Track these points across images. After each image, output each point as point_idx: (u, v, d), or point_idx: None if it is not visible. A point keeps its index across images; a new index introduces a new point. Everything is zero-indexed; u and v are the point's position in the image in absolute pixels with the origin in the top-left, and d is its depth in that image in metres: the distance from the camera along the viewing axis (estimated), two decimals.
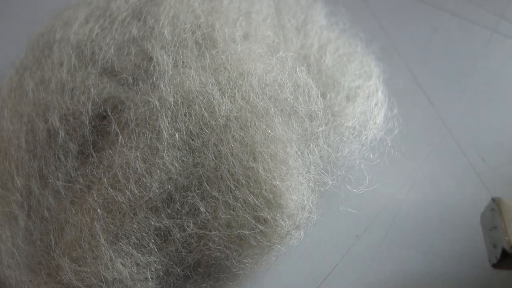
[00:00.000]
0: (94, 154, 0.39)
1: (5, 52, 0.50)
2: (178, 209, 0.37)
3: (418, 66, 0.51)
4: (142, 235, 0.37)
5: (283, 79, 0.39)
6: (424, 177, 0.45)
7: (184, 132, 0.37)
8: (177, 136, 0.37)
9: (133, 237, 0.37)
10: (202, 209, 0.36)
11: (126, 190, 0.36)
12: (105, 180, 0.37)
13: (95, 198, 0.37)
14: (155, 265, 0.37)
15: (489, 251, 0.35)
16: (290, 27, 0.44)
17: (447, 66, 0.51)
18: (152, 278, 0.37)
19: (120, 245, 0.36)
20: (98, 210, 0.37)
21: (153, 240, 0.37)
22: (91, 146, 0.39)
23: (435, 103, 0.49)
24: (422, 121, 0.48)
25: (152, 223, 0.37)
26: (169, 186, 0.37)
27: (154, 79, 0.39)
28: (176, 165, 0.37)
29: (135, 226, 0.37)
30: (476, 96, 0.49)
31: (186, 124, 0.37)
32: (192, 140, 0.37)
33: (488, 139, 0.47)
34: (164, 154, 0.36)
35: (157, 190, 0.36)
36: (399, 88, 0.46)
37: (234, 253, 0.37)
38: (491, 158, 0.46)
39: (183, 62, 0.40)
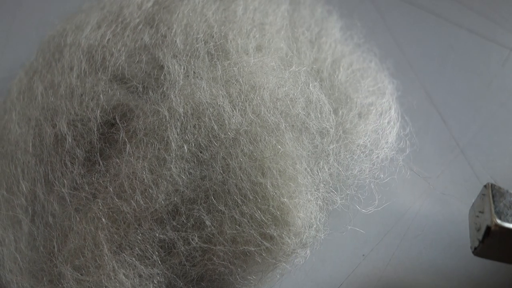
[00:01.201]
0: (101, 162, 0.38)
1: (15, 53, 0.50)
2: (183, 221, 0.36)
3: (433, 83, 0.50)
4: (146, 246, 0.36)
5: (295, 94, 0.38)
6: (434, 197, 0.44)
7: (193, 144, 0.37)
8: (185, 147, 0.36)
9: (137, 248, 0.36)
10: (207, 222, 0.36)
11: (132, 201, 0.36)
12: (111, 189, 0.37)
13: (100, 207, 0.37)
14: (158, 277, 0.36)
15: (473, 238, 0.34)
16: (304, 40, 0.44)
17: (462, 85, 0.50)
18: None
19: (124, 255, 0.36)
20: (103, 219, 0.36)
21: (157, 252, 0.36)
22: (98, 153, 0.39)
23: (449, 122, 0.48)
24: (435, 140, 0.47)
25: (157, 235, 0.36)
26: (175, 198, 0.36)
27: (165, 89, 0.39)
28: (183, 177, 0.36)
29: (139, 237, 0.36)
30: (490, 117, 0.48)
31: (195, 136, 0.37)
32: (201, 152, 0.37)
33: (501, 161, 0.46)
34: (172, 166, 0.36)
35: (163, 202, 0.36)
36: (413, 106, 0.46)
37: (239, 269, 0.36)
38: (504, 181, 0.45)
39: (194, 72, 0.39)
